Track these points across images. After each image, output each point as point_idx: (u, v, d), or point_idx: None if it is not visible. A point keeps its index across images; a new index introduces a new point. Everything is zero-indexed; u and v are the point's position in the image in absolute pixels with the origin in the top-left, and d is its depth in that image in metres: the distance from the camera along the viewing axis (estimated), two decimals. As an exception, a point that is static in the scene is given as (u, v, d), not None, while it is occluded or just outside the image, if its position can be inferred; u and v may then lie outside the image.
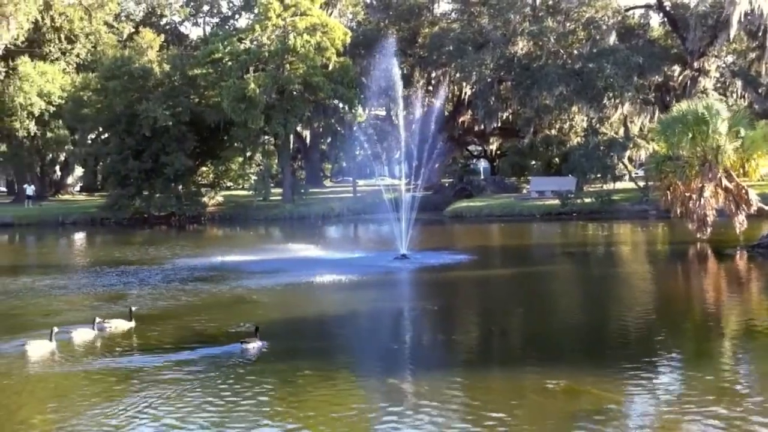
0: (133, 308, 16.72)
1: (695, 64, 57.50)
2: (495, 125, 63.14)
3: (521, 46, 58.70)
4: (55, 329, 14.67)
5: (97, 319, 15.90)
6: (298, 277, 23.39)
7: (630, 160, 61.91)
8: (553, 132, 65.09)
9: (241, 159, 62.28)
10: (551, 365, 12.68)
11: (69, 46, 71.34)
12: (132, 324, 16.05)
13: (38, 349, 14.13)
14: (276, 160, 67.50)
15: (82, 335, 15.36)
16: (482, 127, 64.60)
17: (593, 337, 15.54)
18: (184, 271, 25.73)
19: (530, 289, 22.21)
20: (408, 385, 11.99)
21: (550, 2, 60.57)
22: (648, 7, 61.79)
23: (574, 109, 59.09)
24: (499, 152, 78.54)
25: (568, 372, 12.17)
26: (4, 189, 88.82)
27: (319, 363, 13.18)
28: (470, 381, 12.11)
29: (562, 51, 57.99)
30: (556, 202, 50.88)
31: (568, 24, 59.24)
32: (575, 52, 58.06)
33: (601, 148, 56.00)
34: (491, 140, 74.73)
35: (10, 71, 65.76)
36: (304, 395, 11.45)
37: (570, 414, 10.33)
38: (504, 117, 63.34)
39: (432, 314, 18.26)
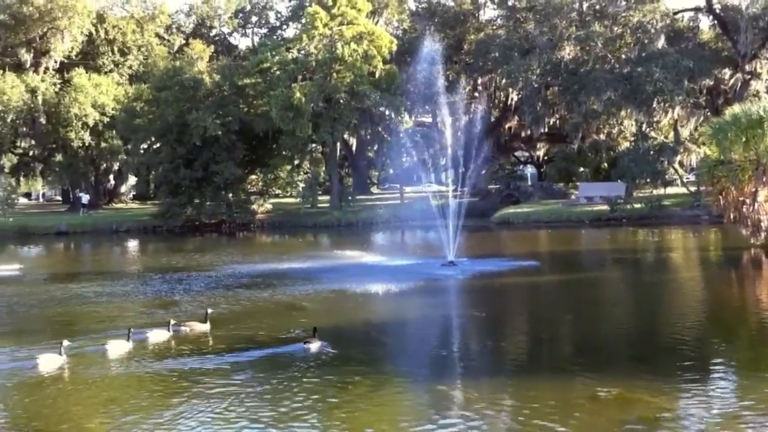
0: (209, 311, 17.25)
1: (747, 67, 56.55)
2: (542, 131, 62.81)
3: (568, 51, 58.31)
4: (132, 330, 15.42)
5: (172, 321, 16.52)
6: (347, 284, 23.59)
7: (681, 164, 61.02)
8: (602, 137, 64.54)
9: (289, 167, 62.84)
10: (603, 373, 12.59)
11: (122, 58, 72.86)
12: (207, 326, 16.59)
13: (117, 348, 14.85)
14: (323, 168, 67.97)
15: (157, 336, 15.95)
16: (529, 132, 64.30)
17: (645, 344, 15.40)
18: (237, 278, 26.17)
19: (580, 295, 22.07)
20: (457, 392, 12.01)
21: (597, 7, 60.09)
22: (697, 9, 60.89)
23: (623, 113, 58.54)
24: (546, 158, 78.00)
25: (620, 380, 12.09)
26: (60, 198, 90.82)
27: (368, 369, 13.31)
28: (520, 388, 12.08)
29: (609, 55, 57.51)
30: (605, 207, 50.43)
31: (615, 28, 58.71)
32: (623, 56, 57.53)
33: (651, 152, 55.40)
34: (538, 146, 74.29)
35: (66, 83, 67.33)
36: (353, 401, 11.55)
37: (622, 422, 10.26)
38: (551, 122, 63.01)
39: (480, 321, 18.27)
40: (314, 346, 14.78)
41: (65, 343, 14.38)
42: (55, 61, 68.65)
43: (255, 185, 64.99)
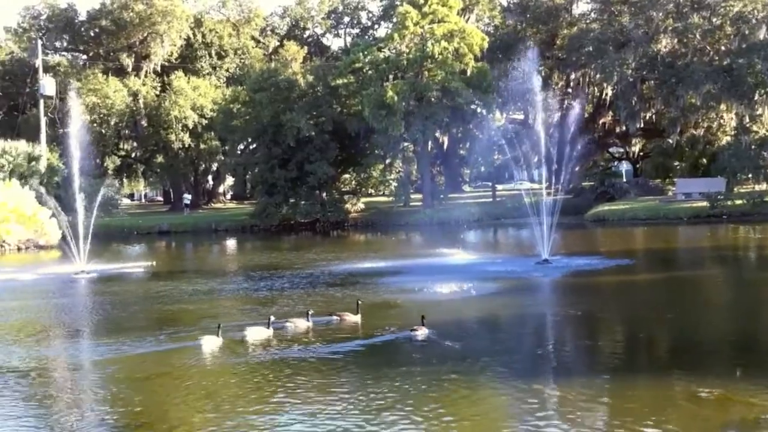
0: (360, 302, 18.02)
1: None
2: (638, 126, 61.59)
3: (665, 44, 57.08)
4: (272, 318, 16.57)
5: (311, 311, 17.45)
6: (442, 282, 23.79)
7: (785, 158, 58.88)
8: (700, 131, 62.87)
9: (381, 166, 63.51)
10: (703, 373, 12.40)
11: (219, 61, 74.96)
12: (359, 317, 17.36)
13: (257, 334, 16.03)
14: (415, 166, 68.35)
15: (298, 325, 16.93)
16: (624, 128, 63.22)
17: (748, 344, 15.07)
18: (334, 275, 26.84)
19: (678, 294, 21.71)
20: (553, 391, 11.99)
21: (695, -3, 58.56)
22: (803, -3, 58.63)
23: (723, 107, 56.98)
24: (642, 154, 76.43)
25: (722, 380, 11.90)
26: (161, 198, 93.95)
27: (463, 367, 13.47)
28: (617, 388, 12.02)
29: (708, 47, 56.02)
30: (704, 204, 49.16)
31: (714, 19, 57.08)
32: (722, 48, 55.97)
33: (753, 146, 53.73)
34: (633, 141, 72.85)
35: (165, 86, 69.68)
36: (448, 398, 11.69)
37: (725, 423, 10.14)
38: (647, 117, 61.71)
39: (576, 320, 18.21)
40: (421, 333, 15.59)
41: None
42: (156, 65, 71.16)
43: (348, 184, 65.93)
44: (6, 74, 75.57)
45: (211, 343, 15.44)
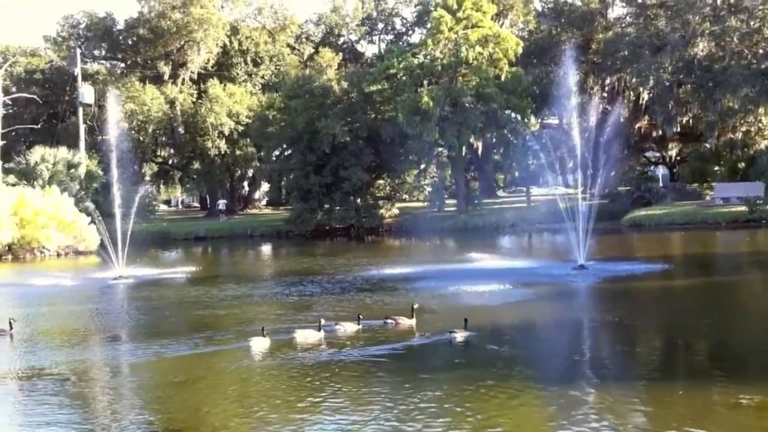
0: (415, 305, 18.13)
1: None
2: (674, 130, 60.95)
3: (701, 48, 56.48)
4: (323, 321, 16.91)
5: (361, 315, 17.76)
6: (477, 287, 23.77)
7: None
8: (738, 135, 62.03)
9: (415, 171, 63.53)
10: (743, 379, 12.27)
11: (255, 68, 75.55)
12: (414, 321, 17.54)
13: (306, 336, 16.39)
14: (450, 172, 68.31)
15: (347, 328, 17.19)
16: (661, 132, 62.58)
17: (788, 351, 14.92)
18: (370, 281, 26.98)
19: (717, 300, 21.46)
20: (590, 398, 11.89)
21: (732, 0, 57.84)
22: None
23: (761, 110, 56.21)
24: (678, 158, 75.58)
25: (762, 386, 11.76)
26: (197, 204, 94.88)
27: (500, 372, 13.46)
28: (655, 394, 11.92)
29: (746, 51, 55.33)
30: (743, 208, 48.49)
31: (752, 22, 56.39)
32: (761, 51, 55.22)
33: (792, 151, 52.92)
34: (670, 146, 72.01)
35: (202, 93, 70.41)
36: (484, 404, 11.68)
37: (764, 430, 10.07)
38: (684, 121, 61.05)
39: (613, 326, 18.09)
40: (460, 335, 15.80)
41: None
42: (192, 73, 71.93)
43: (382, 190, 66.05)
44: (46, 82, 76.86)
45: (259, 344, 15.74)
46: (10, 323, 18.40)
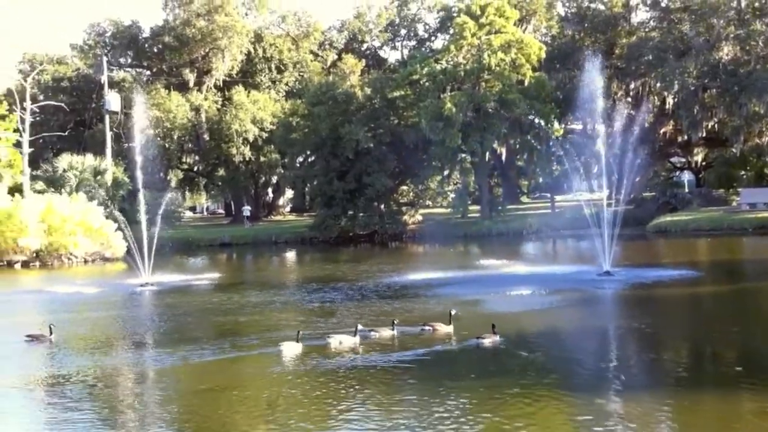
0: (453, 312, 18.27)
1: None
2: (700, 135, 60.46)
3: (726, 52, 56.04)
4: (359, 326, 17.29)
5: (396, 321, 18.01)
6: (503, 293, 23.79)
7: None
8: (765, 140, 61.39)
9: (439, 177, 63.49)
10: (771, 388, 12.27)
11: (278, 75, 75.84)
12: (452, 328, 17.71)
13: (341, 341, 16.72)
14: (473, 178, 68.10)
15: (382, 334, 17.47)
16: (686, 137, 62.17)
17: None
18: (395, 287, 27.07)
19: (744, 307, 21.32)
20: (616, 406, 11.91)
21: (757, 4, 57.38)
22: None
23: (789, 115, 55.57)
24: (704, 163, 74.96)
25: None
26: (222, 211, 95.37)
27: (525, 380, 13.50)
28: (682, 403, 11.91)
29: (772, 54, 54.83)
30: (771, 214, 48.08)
31: (778, 26, 55.92)
32: (788, 55, 54.71)
33: (820, 155, 52.36)
34: (696, 151, 71.50)
35: (226, 100, 70.81)
36: (510, 411, 11.72)
37: (792, 438, 10.03)
38: (709, 126, 60.53)
39: (640, 333, 18.02)
40: (488, 340, 16.05)
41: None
42: (217, 80, 72.38)
43: (406, 196, 66.08)
44: (73, 90, 77.68)
45: (291, 349, 15.92)
46: (50, 329, 18.78)
